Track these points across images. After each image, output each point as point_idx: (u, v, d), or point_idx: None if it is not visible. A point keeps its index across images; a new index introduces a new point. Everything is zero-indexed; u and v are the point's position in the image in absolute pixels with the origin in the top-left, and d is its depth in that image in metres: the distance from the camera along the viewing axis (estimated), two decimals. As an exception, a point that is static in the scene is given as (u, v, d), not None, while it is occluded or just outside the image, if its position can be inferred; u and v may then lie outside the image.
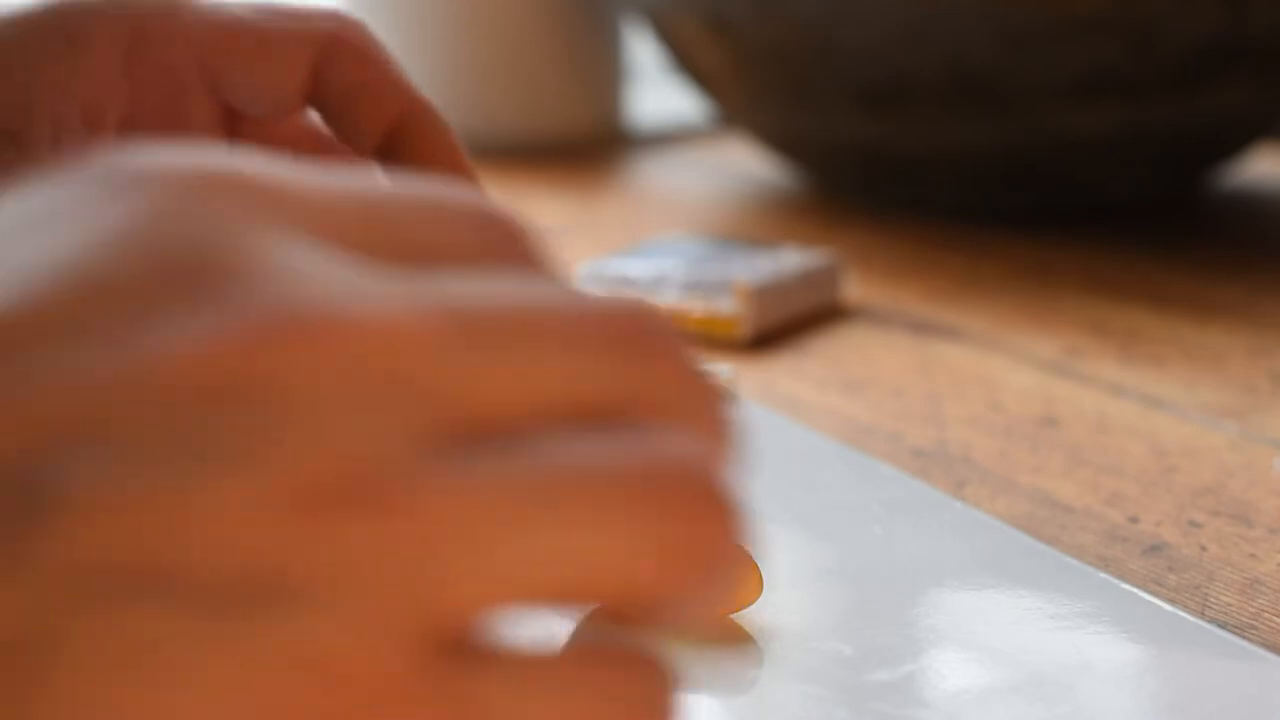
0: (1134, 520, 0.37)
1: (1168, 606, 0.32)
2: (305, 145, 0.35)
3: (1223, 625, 0.31)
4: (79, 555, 0.15)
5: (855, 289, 0.59)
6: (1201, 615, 0.32)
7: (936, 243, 0.66)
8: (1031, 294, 0.58)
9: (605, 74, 0.89)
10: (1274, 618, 0.32)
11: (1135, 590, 0.33)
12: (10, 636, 0.14)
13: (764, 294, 0.53)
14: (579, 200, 0.74)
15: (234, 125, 0.34)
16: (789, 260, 0.55)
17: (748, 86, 0.70)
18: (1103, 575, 0.33)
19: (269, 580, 0.15)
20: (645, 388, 0.17)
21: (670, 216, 0.71)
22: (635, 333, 0.17)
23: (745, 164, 0.82)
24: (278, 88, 0.32)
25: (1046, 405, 0.45)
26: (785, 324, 0.54)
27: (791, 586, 0.33)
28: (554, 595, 0.16)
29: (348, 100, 0.32)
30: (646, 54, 1.05)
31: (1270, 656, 0.29)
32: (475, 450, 0.16)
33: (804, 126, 0.69)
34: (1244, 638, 0.31)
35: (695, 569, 0.17)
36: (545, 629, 0.18)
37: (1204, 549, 0.35)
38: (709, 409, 0.18)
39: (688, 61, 0.73)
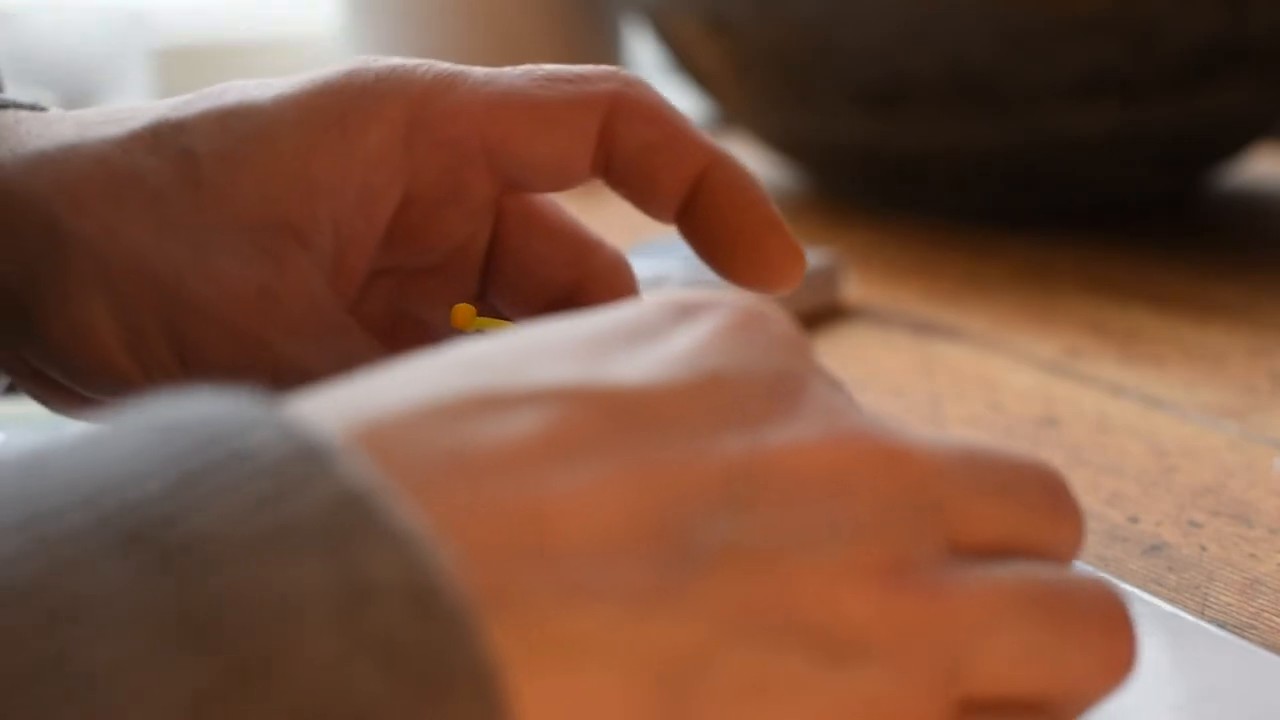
0: (1134, 520, 0.37)
1: (1168, 606, 0.32)
2: (556, 225, 0.33)
3: (1223, 625, 0.31)
4: (731, 598, 0.18)
5: (855, 289, 0.59)
6: (1201, 615, 0.32)
7: (936, 243, 0.66)
8: (1031, 294, 0.58)
9: (605, 74, 0.89)
10: (1274, 618, 0.32)
11: (1135, 590, 0.33)
12: (673, 654, 0.18)
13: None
14: (579, 200, 0.74)
15: (501, 200, 0.32)
16: (789, 260, 0.55)
17: (748, 86, 0.70)
18: (1103, 575, 0.33)
19: (854, 635, 0.19)
20: (1063, 538, 0.23)
21: (670, 216, 0.71)
22: (1064, 500, 0.23)
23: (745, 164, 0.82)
24: (564, 158, 0.30)
25: (1046, 405, 0.45)
26: (785, 324, 0.54)
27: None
28: (1027, 685, 0.21)
29: (642, 163, 0.30)
30: (646, 54, 1.04)
31: (1270, 656, 0.29)
32: (964, 562, 0.21)
33: (804, 126, 0.69)
34: (1244, 638, 0.31)
35: (1115, 678, 0.21)
36: None
37: (1204, 549, 0.35)
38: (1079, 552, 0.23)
39: (688, 61, 0.73)
